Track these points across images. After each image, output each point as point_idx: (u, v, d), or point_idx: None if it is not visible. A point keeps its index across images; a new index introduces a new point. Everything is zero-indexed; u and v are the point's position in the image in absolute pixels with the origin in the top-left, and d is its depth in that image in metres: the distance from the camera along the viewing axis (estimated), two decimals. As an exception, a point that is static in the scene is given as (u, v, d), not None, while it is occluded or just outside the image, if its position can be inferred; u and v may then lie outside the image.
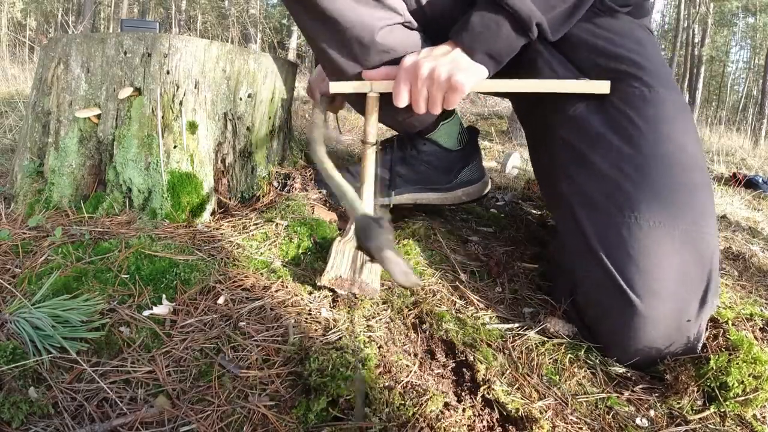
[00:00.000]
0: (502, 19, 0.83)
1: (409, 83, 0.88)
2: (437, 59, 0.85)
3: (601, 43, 0.91)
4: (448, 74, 0.84)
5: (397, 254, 0.56)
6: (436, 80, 0.85)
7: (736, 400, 0.67)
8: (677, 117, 0.83)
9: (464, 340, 0.75)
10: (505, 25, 0.83)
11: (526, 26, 0.83)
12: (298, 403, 0.60)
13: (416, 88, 0.87)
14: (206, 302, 0.75)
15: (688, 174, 0.79)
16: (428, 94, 0.88)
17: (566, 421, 0.64)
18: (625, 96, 0.85)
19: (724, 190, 2.38)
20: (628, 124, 0.82)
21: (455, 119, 1.17)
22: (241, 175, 1.07)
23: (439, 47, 0.88)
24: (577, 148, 0.86)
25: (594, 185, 0.82)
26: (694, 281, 0.74)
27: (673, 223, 0.74)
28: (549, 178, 0.96)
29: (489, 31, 0.84)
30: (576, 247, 0.82)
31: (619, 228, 0.76)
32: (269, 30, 10.83)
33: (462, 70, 0.84)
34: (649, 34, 0.97)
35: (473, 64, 0.85)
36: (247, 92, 1.03)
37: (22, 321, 0.64)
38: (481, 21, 0.84)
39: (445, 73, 0.84)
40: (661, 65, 0.89)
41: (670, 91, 0.85)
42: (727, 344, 0.71)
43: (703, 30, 16.48)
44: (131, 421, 0.56)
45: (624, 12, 0.96)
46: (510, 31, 0.84)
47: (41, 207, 0.94)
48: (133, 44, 0.93)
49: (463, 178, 1.19)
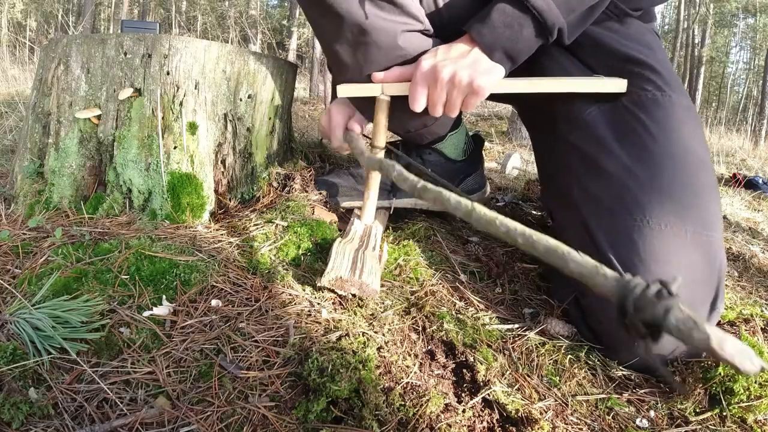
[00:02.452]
0: (526, 21, 0.81)
1: (427, 87, 0.85)
2: (456, 62, 0.83)
3: (614, 45, 0.90)
4: (469, 78, 0.82)
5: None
6: (457, 85, 0.83)
7: (739, 405, 0.67)
8: (688, 121, 0.83)
9: (464, 340, 0.75)
10: (528, 27, 0.81)
11: (549, 31, 0.82)
12: (298, 404, 0.60)
13: (435, 92, 0.85)
14: (206, 303, 0.75)
15: (698, 178, 0.78)
16: (447, 98, 0.86)
17: (566, 422, 0.64)
18: (637, 99, 0.84)
19: (725, 190, 2.38)
20: (640, 128, 0.82)
21: (461, 129, 1.16)
22: (241, 176, 1.07)
23: (456, 46, 0.85)
24: (588, 152, 0.85)
25: (605, 189, 0.81)
26: (705, 286, 0.73)
27: (683, 228, 0.74)
28: (556, 181, 0.95)
29: (510, 31, 0.81)
30: (585, 250, 0.81)
31: (630, 231, 0.75)
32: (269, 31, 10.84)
33: (482, 73, 0.82)
34: (657, 38, 0.96)
35: (492, 65, 0.83)
36: (247, 93, 1.03)
37: (22, 322, 0.64)
38: (502, 19, 0.81)
39: (466, 78, 0.82)
40: (671, 69, 0.89)
41: (680, 95, 0.85)
42: None
43: (703, 31, 16.49)
44: (131, 422, 0.56)
45: (635, 16, 0.95)
46: (532, 33, 0.82)
47: (41, 208, 0.94)
48: (133, 45, 0.93)
49: (464, 188, 1.18)
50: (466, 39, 0.85)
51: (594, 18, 0.88)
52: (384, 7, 0.84)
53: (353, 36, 0.86)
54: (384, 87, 0.90)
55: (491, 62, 0.83)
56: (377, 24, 0.84)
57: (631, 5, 0.94)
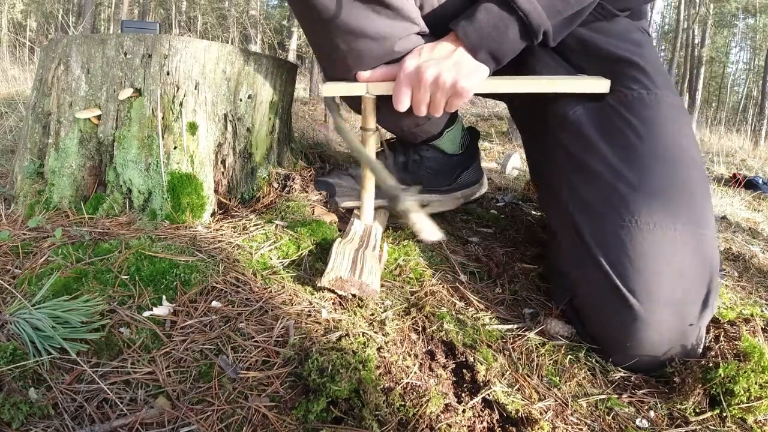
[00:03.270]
0: (511, 22, 0.81)
1: (410, 88, 0.85)
2: (440, 63, 0.82)
3: (600, 45, 0.90)
4: (453, 80, 0.82)
5: (423, 214, 0.75)
6: (441, 86, 0.83)
7: (739, 406, 0.67)
8: (675, 119, 0.83)
9: (464, 341, 0.75)
10: (513, 29, 0.81)
11: (534, 33, 0.82)
12: (298, 404, 0.60)
13: (419, 93, 0.85)
14: (206, 303, 0.75)
15: (686, 176, 0.78)
16: (431, 99, 0.86)
17: (566, 422, 0.64)
18: (623, 98, 0.84)
19: (725, 191, 2.38)
20: (627, 128, 0.82)
21: (458, 124, 1.16)
22: (241, 176, 1.07)
23: (440, 45, 0.85)
24: (575, 152, 0.85)
25: (593, 189, 0.81)
26: (695, 284, 0.73)
27: (673, 226, 0.74)
28: (546, 180, 0.96)
29: (496, 31, 0.81)
30: (575, 250, 0.81)
31: (619, 232, 0.75)
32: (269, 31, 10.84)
33: (466, 75, 0.82)
34: (646, 36, 0.96)
35: (476, 65, 0.83)
36: (247, 93, 1.03)
37: (22, 322, 0.64)
38: (488, 19, 0.81)
39: (450, 79, 0.82)
40: (659, 66, 0.88)
41: (667, 93, 0.85)
42: (737, 351, 0.71)
43: (703, 31, 16.50)
44: (131, 422, 0.56)
45: (623, 16, 0.95)
46: (517, 35, 0.82)
47: (41, 208, 0.94)
48: (133, 45, 0.93)
49: (462, 181, 1.19)
50: (451, 38, 0.85)
51: (580, 21, 0.88)
52: (379, 11, 0.83)
53: (351, 43, 0.86)
54: (369, 86, 0.90)
55: (475, 62, 0.83)
56: (373, 32, 0.84)
57: (618, 6, 0.94)
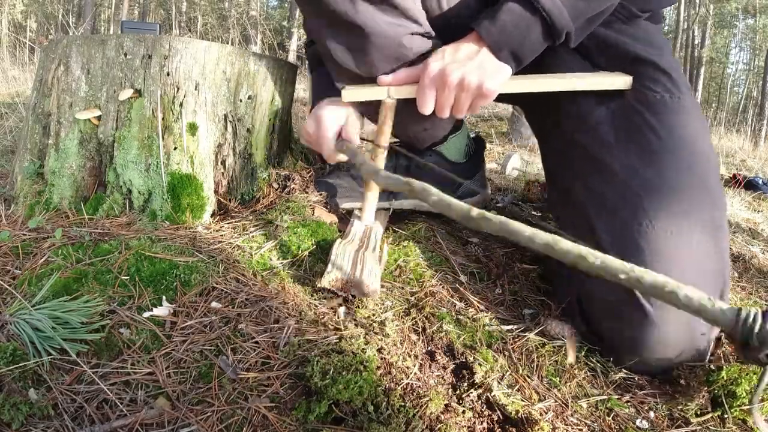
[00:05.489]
0: (534, 22, 0.80)
1: (435, 90, 0.85)
2: (465, 65, 0.82)
3: (622, 45, 0.90)
4: (478, 82, 0.82)
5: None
6: (466, 88, 0.82)
7: (741, 408, 0.68)
8: (696, 124, 0.82)
9: (464, 341, 0.75)
10: (536, 29, 0.81)
11: (557, 34, 0.82)
12: (298, 405, 0.60)
13: (443, 96, 0.84)
14: (206, 304, 0.75)
15: (705, 182, 0.78)
16: (455, 101, 0.85)
17: (566, 423, 0.64)
18: (644, 99, 0.84)
19: (725, 191, 2.38)
20: (647, 129, 0.81)
21: (463, 131, 1.15)
22: (241, 177, 1.07)
23: (463, 47, 0.84)
24: (593, 151, 0.85)
25: (611, 192, 0.80)
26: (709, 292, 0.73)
27: (689, 233, 0.73)
28: (562, 182, 0.94)
29: (518, 31, 0.81)
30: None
31: (635, 235, 0.75)
32: (269, 32, 10.84)
33: (490, 75, 0.82)
34: (666, 40, 0.96)
35: (499, 65, 0.83)
36: (247, 94, 1.03)
37: (22, 322, 0.64)
38: (511, 19, 0.81)
39: (475, 81, 0.82)
40: (680, 70, 0.88)
41: (688, 96, 0.84)
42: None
43: (703, 31, 16.50)
44: (131, 423, 0.56)
45: (643, 18, 0.95)
46: (539, 35, 0.82)
47: (41, 208, 0.94)
48: (133, 46, 0.93)
49: (464, 190, 1.18)
50: (474, 38, 0.84)
51: (601, 21, 0.88)
52: (386, 10, 0.83)
53: (356, 40, 0.85)
54: (390, 90, 0.89)
55: (498, 62, 0.83)
56: (377, 28, 0.84)
57: (639, 6, 0.93)
